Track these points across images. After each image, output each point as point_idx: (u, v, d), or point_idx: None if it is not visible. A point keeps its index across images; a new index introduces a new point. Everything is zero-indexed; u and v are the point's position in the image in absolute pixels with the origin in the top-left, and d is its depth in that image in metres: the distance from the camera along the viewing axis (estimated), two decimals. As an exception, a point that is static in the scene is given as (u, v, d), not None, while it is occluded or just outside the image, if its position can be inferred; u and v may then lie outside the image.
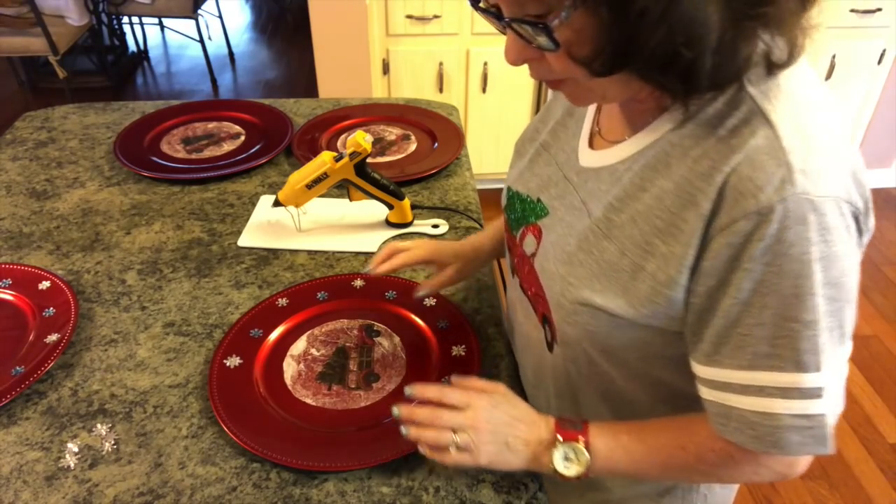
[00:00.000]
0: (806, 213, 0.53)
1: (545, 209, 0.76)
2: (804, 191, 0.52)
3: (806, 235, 0.53)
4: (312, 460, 0.80)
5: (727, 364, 0.60)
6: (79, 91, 3.67)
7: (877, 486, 1.86)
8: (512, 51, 0.58)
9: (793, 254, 0.54)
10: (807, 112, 0.56)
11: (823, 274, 0.54)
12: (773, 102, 0.56)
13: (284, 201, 1.17)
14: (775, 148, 0.53)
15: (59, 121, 1.57)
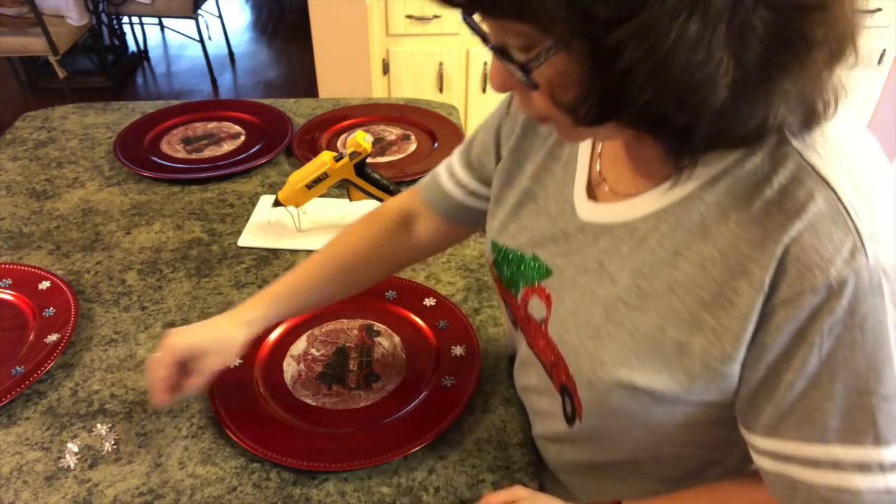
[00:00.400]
0: (880, 282, 0.48)
1: (546, 268, 0.69)
2: (877, 259, 0.48)
3: (881, 306, 0.49)
4: (312, 460, 0.80)
5: (792, 436, 0.55)
6: (79, 91, 3.67)
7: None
8: (495, 78, 0.53)
9: (867, 326, 0.49)
10: (859, 165, 0.51)
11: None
12: (822, 157, 0.50)
13: (284, 201, 1.17)
14: (839, 213, 0.48)
15: (59, 121, 1.57)
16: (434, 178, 0.86)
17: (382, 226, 0.89)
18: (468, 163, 0.82)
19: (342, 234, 0.88)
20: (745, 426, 0.58)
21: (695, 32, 0.41)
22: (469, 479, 0.80)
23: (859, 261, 0.48)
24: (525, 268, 0.71)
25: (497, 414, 0.88)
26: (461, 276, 1.11)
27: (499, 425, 0.86)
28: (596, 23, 0.41)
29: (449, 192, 0.84)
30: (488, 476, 0.80)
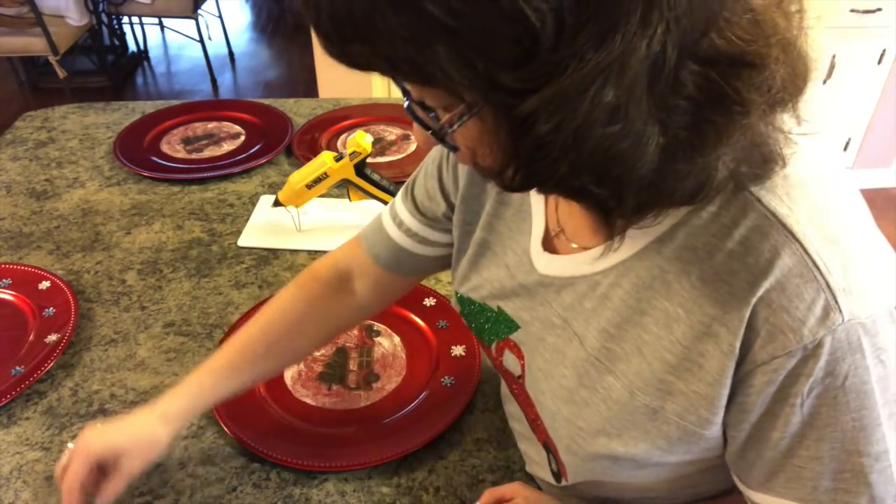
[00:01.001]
0: (859, 338, 0.45)
1: (513, 322, 0.65)
2: (852, 316, 0.44)
3: (862, 364, 0.46)
4: (312, 460, 0.80)
5: (784, 494, 0.52)
6: (79, 91, 3.67)
7: (877, 486, 1.86)
8: (418, 134, 0.49)
9: (849, 386, 0.46)
10: (827, 207, 0.47)
11: (883, 396, 0.47)
12: (785, 202, 0.46)
13: (284, 201, 1.17)
14: (808, 268, 0.45)
15: (59, 121, 1.57)
16: (377, 227, 0.78)
17: (315, 291, 0.81)
18: (414, 208, 0.75)
19: (270, 304, 0.81)
20: (740, 479, 0.56)
21: (610, 102, 0.37)
22: (469, 479, 0.80)
23: (833, 319, 0.44)
24: (492, 321, 0.68)
25: (497, 414, 0.88)
26: (461, 276, 1.11)
27: (499, 425, 0.86)
28: (504, 92, 0.39)
29: (396, 240, 0.76)
30: (488, 476, 0.80)
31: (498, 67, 0.38)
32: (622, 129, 0.39)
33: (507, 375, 0.70)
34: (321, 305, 0.81)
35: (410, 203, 0.75)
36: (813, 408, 0.48)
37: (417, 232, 0.75)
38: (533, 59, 0.37)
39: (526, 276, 0.62)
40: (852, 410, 0.47)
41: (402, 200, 0.76)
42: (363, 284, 0.81)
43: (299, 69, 4.17)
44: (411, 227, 0.75)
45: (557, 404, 0.60)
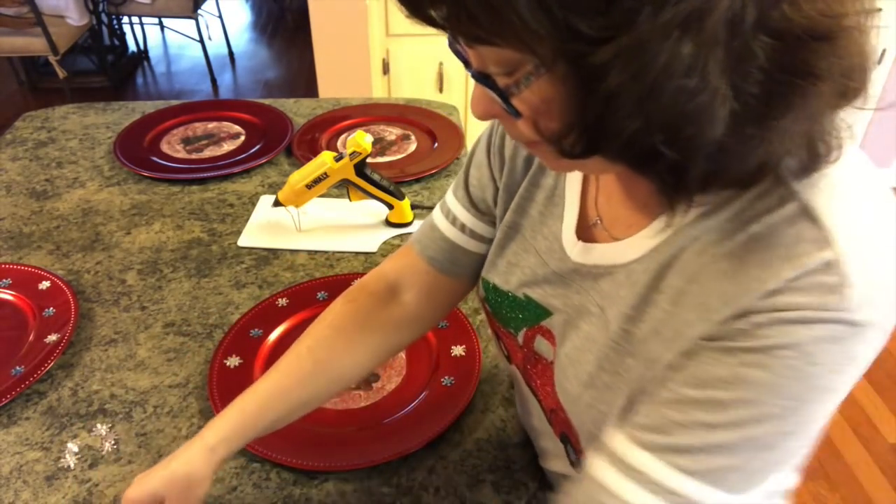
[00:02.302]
0: (838, 336, 0.43)
1: (543, 309, 0.64)
2: (851, 311, 0.43)
3: (822, 356, 0.44)
4: (312, 460, 0.80)
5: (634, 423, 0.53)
6: (79, 91, 3.67)
7: (877, 486, 1.86)
8: (478, 105, 0.49)
9: (788, 359, 0.44)
10: (864, 210, 0.46)
11: (799, 402, 0.45)
12: (823, 197, 0.45)
13: (284, 201, 1.17)
14: (830, 262, 0.43)
15: (59, 121, 1.57)
16: (428, 228, 0.76)
17: (364, 304, 0.76)
18: (472, 206, 0.73)
19: (316, 321, 0.76)
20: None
21: (688, 55, 0.37)
22: (469, 479, 0.80)
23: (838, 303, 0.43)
24: (520, 308, 0.67)
25: (497, 414, 0.88)
26: (461, 276, 1.11)
27: (499, 425, 0.86)
28: (580, 40, 0.38)
29: (449, 236, 0.74)
30: (488, 476, 0.80)
31: (576, 13, 0.37)
32: (697, 86, 0.38)
33: (535, 363, 0.68)
34: (371, 319, 0.76)
35: (464, 195, 0.73)
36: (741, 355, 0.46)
37: (471, 227, 0.73)
38: (612, 5, 0.36)
39: (559, 263, 0.62)
40: (761, 384, 0.45)
41: (455, 195, 0.75)
42: (415, 293, 0.77)
43: (299, 69, 4.17)
44: (465, 223, 0.73)
45: (580, 389, 0.60)
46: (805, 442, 0.48)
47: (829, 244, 0.43)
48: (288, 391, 0.71)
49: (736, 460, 0.47)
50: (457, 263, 0.75)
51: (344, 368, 0.75)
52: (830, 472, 1.89)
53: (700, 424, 0.47)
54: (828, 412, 0.47)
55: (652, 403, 0.51)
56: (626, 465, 0.50)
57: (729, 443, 0.46)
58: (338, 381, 0.75)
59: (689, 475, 0.47)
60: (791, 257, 0.44)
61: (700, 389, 0.47)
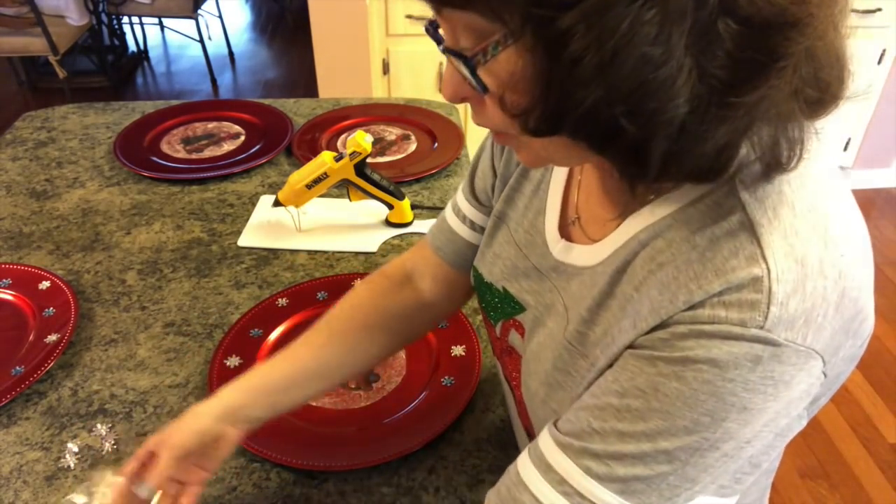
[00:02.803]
0: (758, 354, 0.42)
1: (518, 304, 0.65)
2: (772, 329, 0.42)
3: (737, 374, 0.43)
4: (312, 460, 0.80)
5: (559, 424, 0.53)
6: (79, 91, 3.67)
7: (877, 486, 1.86)
8: (448, 85, 0.48)
9: (704, 373, 0.43)
10: (809, 235, 0.44)
11: (716, 420, 0.44)
12: (768, 214, 0.44)
13: (284, 201, 1.17)
14: (757, 281, 0.42)
15: (59, 121, 1.57)
16: (440, 222, 0.79)
17: (382, 285, 0.80)
18: (473, 196, 0.75)
19: (337, 303, 0.79)
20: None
21: (653, 24, 0.36)
22: (469, 479, 0.80)
23: (752, 318, 0.42)
24: (499, 301, 0.68)
25: (497, 414, 0.88)
26: (461, 276, 1.11)
27: (499, 425, 0.86)
28: (547, 5, 0.38)
29: (457, 231, 0.75)
30: (488, 476, 0.80)
31: None
32: (660, 58, 0.37)
33: (511, 356, 0.69)
34: (388, 299, 0.79)
35: (468, 187, 0.75)
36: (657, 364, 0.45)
37: (471, 218, 0.75)
38: None
39: (540, 259, 0.62)
40: (675, 396, 0.44)
41: (462, 187, 0.76)
42: (430, 283, 0.79)
43: (299, 69, 4.17)
44: (467, 214, 0.75)
45: (537, 386, 0.60)
46: (726, 466, 0.46)
47: (761, 260, 0.42)
48: (302, 359, 0.73)
49: (646, 472, 0.46)
50: (461, 255, 0.76)
51: (358, 345, 0.76)
52: (830, 472, 1.89)
53: (614, 432, 0.47)
54: (753, 434, 0.45)
55: (577, 407, 0.51)
56: (546, 465, 0.50)
57: (640, 453, 0.46)
58: (351, 358, 0.76)
59: (599, 481, 0.47)
60: (722, 271, 0.43)
61: (619, 397, 0.47)
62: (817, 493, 1.84)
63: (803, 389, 0.45)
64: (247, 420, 0.69)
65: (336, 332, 0.76)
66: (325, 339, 0.75)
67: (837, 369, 0.47)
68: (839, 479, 1.88)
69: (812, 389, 0.46)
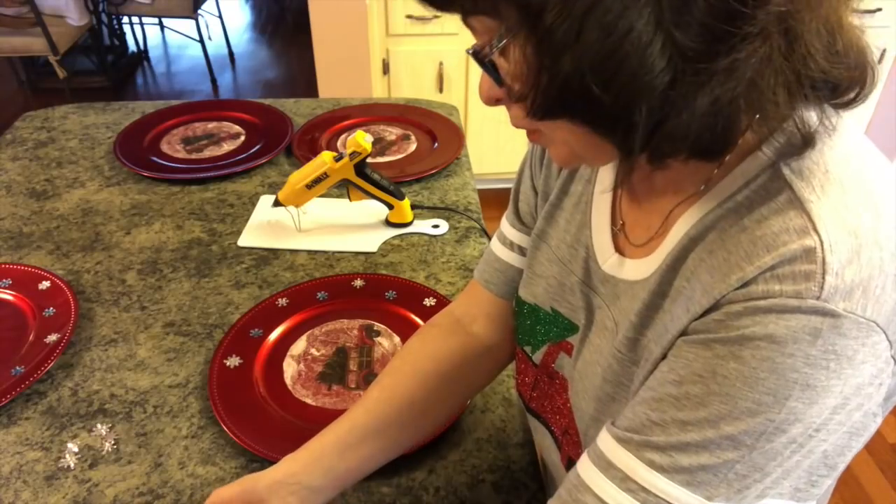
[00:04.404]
0: (818, 326, 0.41)
1: (569, 322, 0.63)
2: (829, 300, 0.41)
3: (798, 349, 0.42)
4: (312, 460, 0.80)
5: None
6: (79, 91, 3.67)
7: (877, 486, 1.86)
8: (481, 89, 0.50)
9: (762, 350, 0.42)
10: (859, 208, 0.44)
11: (777, 399, 0.43)
12: (816, 191, 0.44)
13: (284, 201, 1.17)
14: (812, 250, 0.42)
15: (59, 121, 1.57)
16: (487, 256, 0.76)
17: (434, 335, 0.76)
18: (519, 220, 0.72)
19: (393, 360, 0.75)
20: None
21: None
22: (469, 479, 0.80)
23: (808, 289, 0.42)
24: (547, 323, 0.65)
25: (497, 414, 0.88)
26: (461, 276, 1.11)
27: (499, 425, 0.86)
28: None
29: (507, 260, 0.73)
30: (488, 476, 0.80)
31: None
32: (627, 29, 0.39)
33: (552, 383, 0.66)
34: (443, 347, 0.75)
35: (513, 211, 0.73)
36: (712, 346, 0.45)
37: (518, 243, 0.73)
38: None
39: (587, 273, 0.61)
40: (734, 377, 0.43)
41: (506, 215, 0.74)
42: (483, 323, 0.76)
43: (299, 69, 4.17)
44: (513, 240, 0.73)
45: (587, 403, 0.59)
46: (796, 458, 0.45)
47: (812, 232, 0.42)
48: (354, 418, 0.69)
49: (712, 460, 0.45)
50: (511, 284, 0.73)
51: (415, 397, 0.71)
52: (830, 472, 1.89)
53: (675, 422, 0.46)
54: (822, 420, 0.44)
55: (634, 402, 0.50)
56: (606, 462, 0.49)
57: (703, 441, 0.45)
58: (408, 411, 0.71)
59: (662, 472, 0.46)
60: (773, 246, 0.43)
61: (677, 386, 0.47)
62: (817, 493, 1.84)
63: (870, 373, 0.43)
64: (303, 488, 0.64)
65: (388, 386, 0.72)
66: (377, 394, 0.71)
67: None
68: (839, 478, 1.88)
69: (883, 376, 0.44)
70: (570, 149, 0.51)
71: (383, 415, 0.70)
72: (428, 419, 0.74)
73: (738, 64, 0.40)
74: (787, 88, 0.42)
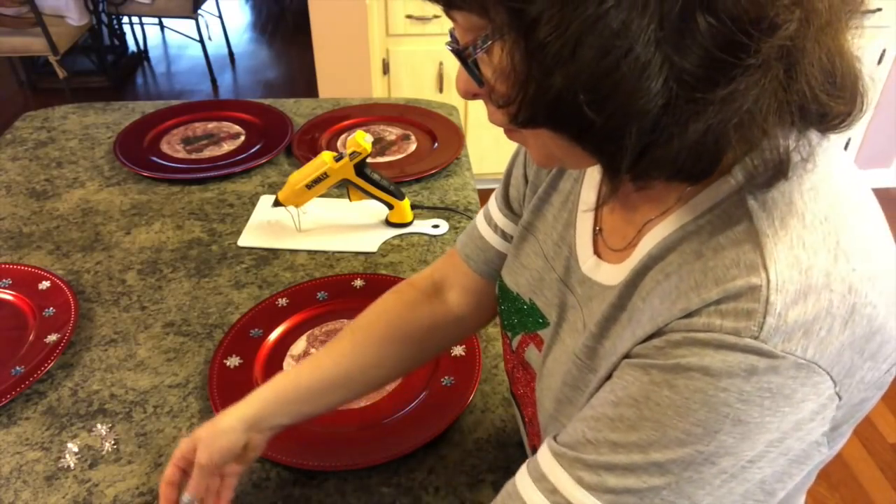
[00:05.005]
0: (754, 364, 0.41)
1: (544, 318, 0.64)
2: (768, 339, 0.40)
3: (730, 382, 0.41)
4: (312, 460, 0.80)
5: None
6: (79, 91, 3.67)
7: (877, 486, 1.86)
8: (458, 81, 0.50)
9: (695, 381, 0.42)
10: (818, 248, 0.42)
11: (708, 432, 0.42)
12: (775, 224, 0.43)
13: (284, 201, 1.17)
14: (754, 290, 0.41)
15: (59, 121, 1.57)
16: (471, 228, 0.78)
17: (410, 295, 0.78)
18: (507, 206, 0.73)
19: (365, 313, 0.78)
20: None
21: (616, 16, 0.37)
22: (469, 479, 0.80)
23: (748, 327, 0.41)
24: (523, 313, 0.67)
25: (497, 414, 0.88)
26: (461, 276, 1.11)
27: (499, 425, 0.86)
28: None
29: (488, 240, 0.74)
30: (488, 476, 0.80)
31: None
32: (625, 50, 0.38)
33: (523, 371, 0.68)
34: (416, 310, 0.77)
35: (502, 195, 0.74)
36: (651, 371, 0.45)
37: (502, 227, 0.74)
38: None
39: (566, 272, 0.61)
40: (666, 405, 0.43)
41: (495, 196, 0.75)
42: (458, 293, 0.78)
43: (299, 69, 4.17)
44: (498, 223, 0.74)
45: (549, 402, 0.60)
46: (728, 486, 0.44)
47: (761, 269, 0.41)
48: (325, 368, 0.73)
49: (638, 484, 0.45)
50: (491, 265, 0.75)
51: (382, 356, 0.75)
52: (830, 472, 1.89)
53: (607, 442, 0.46)
54: (756, 453, 0.43)
55: (577, 418, 0.50)
56: (540, 473, 0.50)
57: (631, 464, 0.45)
58: (375, 369, 0.75)
59: (588, 490, 0.46)
60: (722, 279, 0.43)
61: (613, 407, 0.47)
62: (817, 493, 1.84)
63: (812, 409, 0.43)
64: (270, 428, 0.71)
65: (360, 342, 0.75)
66: (348, 348, 0.75)
67: (858, 394, 0.45)
68: (839, 479, 1.88)
69: (826, 412, 0.44)
70: (549, 152, 0.50)
71: (352, 369, 0.74)
72: (391, 376, 0.79)
73: (737, 95, 0.39)
74: (779, 118, 0.41)
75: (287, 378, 0.72)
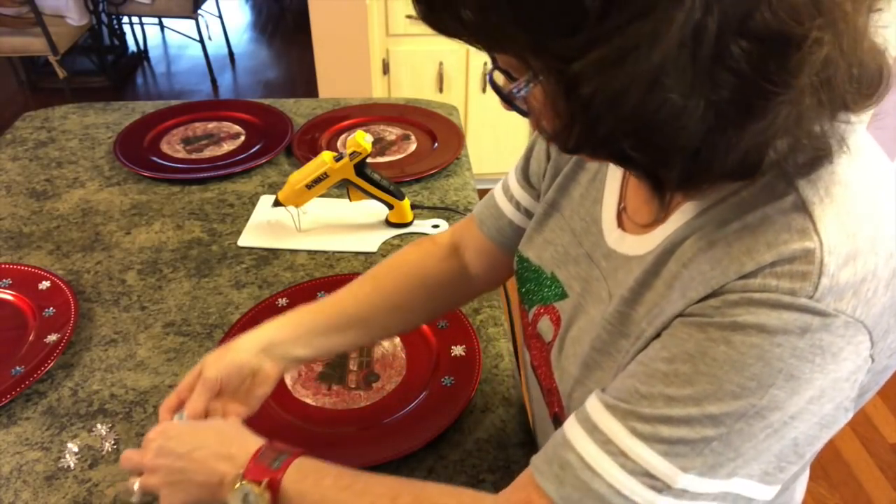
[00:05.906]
0: (808, 323, 0.43)
1: (562, 290, 0.66)
2: (822, 298, 0.43)
3: (785, 339, 0.44)
4: (312, 460, 0.80)
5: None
6: (79, 91, 3.67)
7: (877, 486, 1.86)
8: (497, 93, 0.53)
9: (751, 337, 0.45)
10: (863, 213, 0.45)
11: (762, 386, 0.45)
12: (820, 194, 0.46)
13: (284, 201, 1.17)
14: (809, 253, 0.44)
15: (59, 121, 1.57)
16: (488, 200, 0.81)
17: (431, 250, 0.83)
18: (525, 179, 0.76)
19: (385, 261, 0.83)
20: None
21: (649, 72, 0.40)
22: (469, 479, 0.80)
23: (803, 287, 0.44)
24: (541, 286, 0.70)
25: (497, 414, 0.88)
26: (461, 276, 1.11)
27: (499, 425, 0.86)
28: (557, 58, 0.42)
29: (503, 209, 0.78)
30: (488, 476, 0.80)
31: (550, 36, 0.42)
32: (662, 100, 0.41)
33: (536, 343, 0.71)
34: (435, 263, 0.83)
35: (521, 168, 0.77)
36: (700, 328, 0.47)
37: (518, 199, 0.77)
38: (579, 30, 0.40)
39: (593, 246, 0.64)
40: (723, 360, 0.45)
41: (516, 170, 0.78)
42: (473, 255, 0.83)
43: (299, 69, 4.17)
44: (515, 195, 0.78)
45: (575, 369, 0.62)
46: (769, 442, 0.47)
47: (813, 233, 0.44)
48: (345, 306, 0.77)
49: (691, 434, 0.47)
50: (503, 234, 0.79)
51: (401, 302, 0.80)
52: (830, 472, 1.89)
53: (662, 396, 0.48)
54: (798, 409, 0.45)
55: (625, 375, 0.52)
56: (592, 424, 0.51)
57: (686, 416, 0.47)
58: (392, 314, 0.80)
59: (642, 440, 0.48)
60: (774, 244, 0.45)
61: (667, 363, 0.49)
62: (817, 493, 1.84)
63: (850, 369, 0.45)
64: (285, 357, 0.72)
65: (380, 287, 0.79)
66: (369, 290, 0.79)
67: (884, 360, 0.48)
68: (839, 479, 1.88)
69: (859, 374, 0.46)
70: None
71: (372, 310, 0.78)
72: (405, 324, 0.85)
73: (776, 116, 0.42)
74: (818, 119, 0.44)
75: (306, 310, 0.75)
